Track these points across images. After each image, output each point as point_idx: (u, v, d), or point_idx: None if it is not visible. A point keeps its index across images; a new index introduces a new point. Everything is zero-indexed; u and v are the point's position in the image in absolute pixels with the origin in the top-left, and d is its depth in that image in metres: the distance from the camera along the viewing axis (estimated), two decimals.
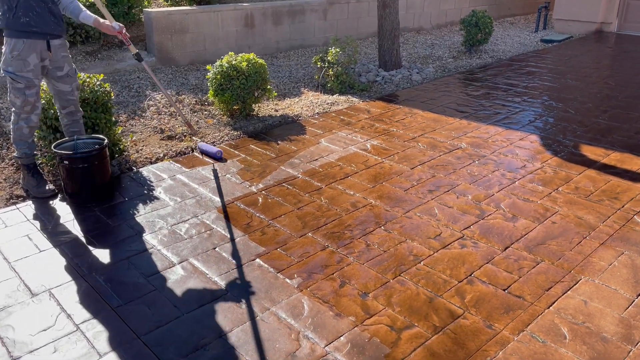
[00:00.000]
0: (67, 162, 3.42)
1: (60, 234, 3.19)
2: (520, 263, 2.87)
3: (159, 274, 2.80)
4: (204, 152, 4.34)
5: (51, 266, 2.88)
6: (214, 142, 4.55)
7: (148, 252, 3.00)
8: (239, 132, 4.76)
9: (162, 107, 5.39)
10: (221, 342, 2.33)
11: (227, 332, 2.38)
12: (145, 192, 3.70)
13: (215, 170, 3.95)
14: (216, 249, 3.02)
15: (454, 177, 3.87)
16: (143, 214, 3.40)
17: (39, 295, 2.65)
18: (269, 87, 5.21)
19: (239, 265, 2.87)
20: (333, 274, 2.80)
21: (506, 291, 2.65)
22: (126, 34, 3.80)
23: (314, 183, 3.80)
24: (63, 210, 3.45)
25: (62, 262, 2.91)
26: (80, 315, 2.51)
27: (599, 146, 4.44)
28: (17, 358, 2.26)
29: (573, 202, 3.49)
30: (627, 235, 3.11)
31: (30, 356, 2.27)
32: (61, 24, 3.50)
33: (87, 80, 4.00)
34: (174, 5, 7.50)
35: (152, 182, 3.84)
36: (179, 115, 4.72)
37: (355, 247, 3.03)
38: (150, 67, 6.63)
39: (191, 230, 3.21)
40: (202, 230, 3.21)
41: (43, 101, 3.84)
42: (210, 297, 2.62)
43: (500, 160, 4.17)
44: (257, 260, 2.92)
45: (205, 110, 5.37)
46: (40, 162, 3.95)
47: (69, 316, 2.50)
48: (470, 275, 2.77)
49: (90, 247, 3.05)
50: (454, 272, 2.80)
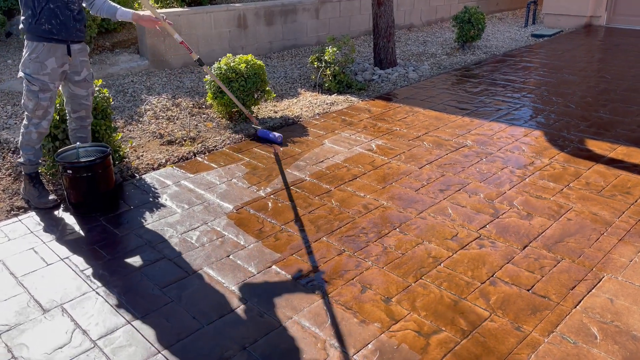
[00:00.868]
0: (70, 172, 3.32)
1: (66, 245, 3.09)
2: (540, 262, 2.83)
3: (174, 285, 2.72)
4: (263, 138, 4.61)
5: (60, 280, 2.78)
6: (215, 145, 4.47)
7: (160, 262, 2.92)
8: (240, 135, 4.68)
9: (160, 111, 5.28)
10: (246, 354, 2.26)
11: (251, 344, 2.31)
12: (151, 199, 3.61)
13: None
14: (230, 256, 2.95)
15: (464, 176, 3.83)
16: (151, 223, 3.31)
17: (50, 311, 2.55)
18: (268, 88, 5.13)
19: (255, 273, 2.80)
20: (353, 279, 2.74)
21: (530, 291, 2.61)
22: (184, 42, 4.13)
23: (323, 186, 3.74)
24: (67, 221, 3.35)
25: (71, 275, 2.82)
26: (96, 330, 2.42)
27: (604, 140, 4.43)
28: None
29: (586, 198, 3.47)
30: None
31: None
32: (83, 30, 3.44)
33: None
34: (165, 7, 7.38)
35: (156, 189, 3.74)
36: (241, 110, 4.83)
37: (372, 250, 2.98)
38: (144, 71, 6.52)
39: (202, 238, 3.13)
40: (214, 237, 3.13)
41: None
42: (229, 307, 2.55)
43: (507, 157, 4.14)
44: (274, 267, 2.85)
45: (204, 114, 5.28)
46: (39, 171, 3.83)
47: (84, 332, 2.41)
48: (492, 276, 2.73)
49: (99, 259, 2.96)
50: (475, 273, 2.75)
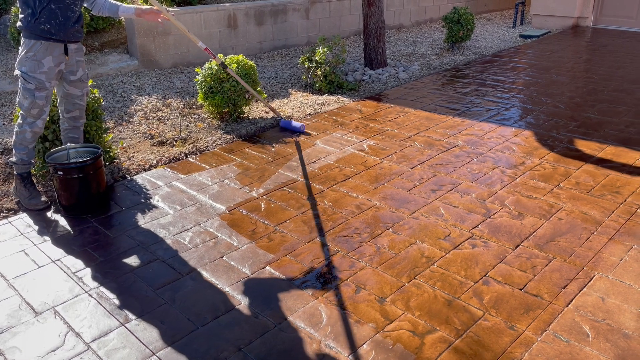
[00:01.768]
0: (61, 173, 3.29)
1: (57, 247, 3.06)
2: (532, 261, 2.86)
3: (167, 286, 2.71)
4: (287, 128, 4.81)
5: (52, 282, 2.76)
6: (207, 146, 4.45)
7: (153, 263, 2.90)
8: (232, 136, 4.67)
9: (150, 111, 5.25)
10: (241, 355, 2.26)
11: (246, 345, 2.31)
12: (143, 200, 3.58)
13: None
14: (224, 257, 2.94)
15: (455, 176, 3.85)
16: (143, 224, 3.29)
17: (43, 313, 2.53)
18: (259, 88, 5.12)
19: (249, 274, 2.80)
20: (347, 279, 2.74)
21: (523, 290, 2.63)
22: (208, 49, 4.34)
23: (315, 186, 3.74)
24: (58, 223, 3.32)
25: (63, 278, 2.79)
26: (89, 333, 2.40)
27: (593, 140, 4.48)
28: None
29: (576, 198, 3.51)
30: (634, 230, 3.13)
31: None
32: (81, 31, 3.45)
33: None
34: None
35: (148, 190, 3.72)
36: (262, 103, 5.05)
37: (366, 250, 2.98)
38: (133, 71, 6.48)
39: (195, 239, 3.12)
40: (207, 238, 3.12)
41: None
42: (223, 308, 2.54)
43: (498, 157, 4.17)
44: (268, 267, 2.85)
45: (195, 114, 5.26)
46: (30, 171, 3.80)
47: (77, 335, 2.39)
48: (485, 275, 2.75)
49: (91, 261, 2.94)
50: (468, 272, 2.77)
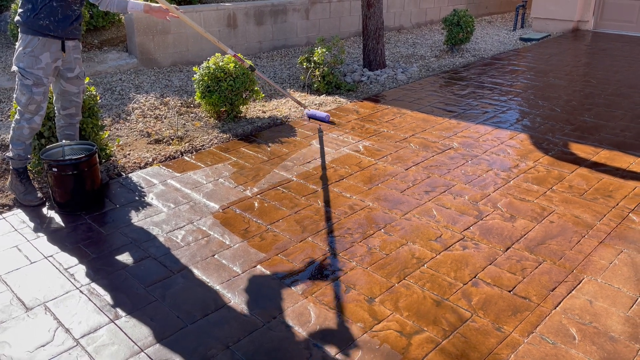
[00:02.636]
0: (56, 170, 3.31)
1: (51, 244, 3.08)
2: (522, 264, 2.87)
3: (158, 284, 2.72)
4: (312, 118, 5.06)
5: (44, 278, 2.77)
6: (203, 145, 4.47)
7: (145, 261, 2.92)
8: (228, 135, 4.69)
9: (147, 110, 5.27)
10: (229, 353, 2.27)
11: (235, 343, 2.32)
12: (137, 198, 3.60)
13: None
14: (215, 256, 2.96)
15: (449, 178, 3.86)
16: (136, 222, 3.31)
17: (33, 309, 2.55)
18: (256, 88, 5.14)
19: (240, 272, 2.81)
20: (337, 279, 2.76)
21: (512, 292, 2.64)
22: (237, 56, 4.45)
23: (309, 186, 3.75)
24: (52, 219, 3.34)
25: (55, 274, 2.81)
26: (79, 329, 2.42)
27: (588, 144, 4.49)
28: None
29: (568, 201, 3.52)
30: (625, 233, 3.14)
31: None
32: (79, 29, 3.47)
33: None
34: None
35: (143, 188, 3.74)
36: (289, 98, 5.30)
37: (357, 251, 3.00)
38: (132, 69, 6.50)
39: (188, 237, 3.13)
40: (199, 237, 3.14)
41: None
42: (213, 306, 2.56)
43: (492, 159, 4.18)
44: (259, 266, 2.86)
45: (192, 113, 5.28)
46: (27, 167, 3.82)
47: (67, 330, 2.40)
48: (475, 277, 2.76)
49: (84, 257, 2.95)
50: (458, 274, 2.78)
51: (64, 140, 3.59)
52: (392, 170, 4.00)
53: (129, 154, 4.28)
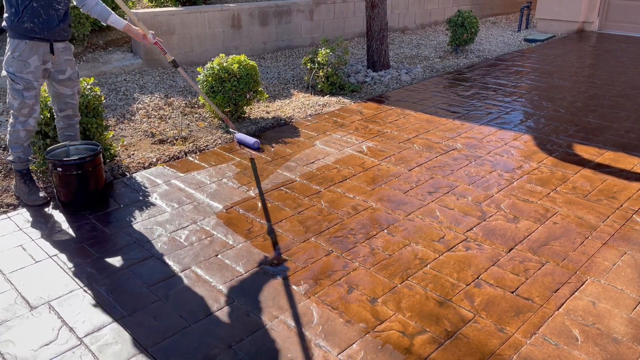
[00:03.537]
0: (60, 169, 3.32)
1: (55, 243, 3.10)
2: (525, 265, 2.87)
3: (161, 283, 2.73)
4: (240, 143, 4.52)
5: (48, 277, 2.79)
6: (207, 145, 4.48)
7: (148, 260, 2.93)
8: (232, 135, 4.69)
9: (152, 110, 5.29)
10: (232, 352, 2.28)
11: (237, 342, 2.33)
12: (141, 198, 3.61)
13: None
14: (218, 256, 2.97)
15: (452, 179, 3.86)
16: (140, 221, 3.32)
17: (38, 308, 2.56)
18: (260, 89, 5.15)
19: (243, 272, 2.82)
20: (340, 279, 2.76)
21: (514, 293, 2.64)
22: (159, 40, 3.88)
23: (313, 186, 3.76)
24: (57, 219, 3.36)
25: (59, 273, 2.83)
26: (82, 328, 2.43)
27: (592, 145, 4.48)
28: None
29: (572, 202, 3.51)
30: (628, 235, 3.13)
31: None
32: (68, 30, 3.42)
33: None
34: (159, 7, 7.38)
35: (147, 188, 3.75)
36: (215, 112, 4.93)
37: (360, 251, 3.00)
38: (137, 70, 6.52)
39: (191, 237, 3.14)
40: (203, 237, 3.15)
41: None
42: (216, 306, 2.57)
43: (496, 160, 4.18)
44: (262, 266, 2.87)
45: (196, 113, 5.29)
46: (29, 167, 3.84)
47: (71, 329, 2.42)
48: (478, 278, 2.76)
49: (88, 257, 2.97)
50: (461, 275, 2.78)
51: (68, 141, 3.60)
52: (395, 171, 4.00)
53: (133, 154, 4.30)
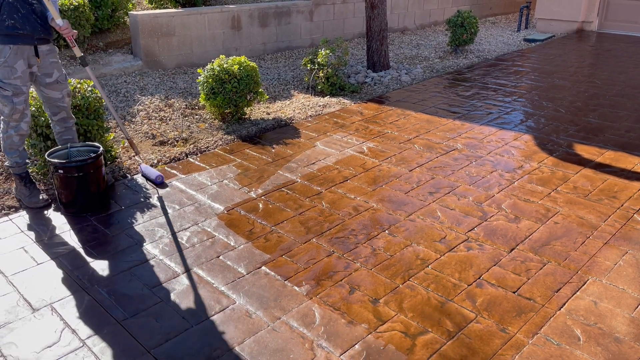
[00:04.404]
0: (61, 171, 3.33)
1: (57, 245, 3.10)
2: (527, 265, 2.87)
3: (163, 285, 2.74)
4: (144, 176, 3.92)
5: (50, 279, 2.79)
6: (207, 146, 4.48)
7: (150, 262, 2.93)
8: (232, 136, 4.70)
9: (152, 111, 5.29)
10: (234, 354, 2.28)
11: (239, 344, 2.33)
12: (142, 199, 3.62)
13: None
14: (220, 257, 2.97)
15: (453, 179, 3.87)
16: (142, 223, 3.32)
17: (40, 310, 2.56)
18: (260, 90, 5.15)
19: (245, 273, 2.82)
20: (341, 280, 2.76)
21: (516, 293, 2.64)
22: (72, 32, 3.42)
23: (314, 187, 3.76)
24: (58, 221, 3.36)
25: (61, 275, 2.83)
26: (85, 330, 2.43)
27: (592, 145, 4.48)
28: None
29: (573, 202, 3.51)
30: (630, 234, 3.14)
31: None
32: (47, 26, 3.35)
33: (78, 86, 3.91)
34: (158, 8, 7.38)
35: (147, 190, 3.76)
36: (121, 132, 4.40)
37: (361, 252, 3.00)
38: (137, 71, 6.52)
39: (193, 239, 3.14)
40: (204, 238, 3.15)
41: (33, 108, 3.75)
42: (218, 307, 2.57)
43: (497, 160, 4.18)
44: (263, 267, 2.87)
45: (197, 115, 5.30)
46: (30, 170, 3.84)
47: (73, 331, 2.42)
48: (479, 278, 2.76)
49: (90, 259, 2.97)
50: (462, 275, 2.79)
51: (69, 144, 3.60)
52: (396, 171, 4.01)
53: (134, 156, 4.30)
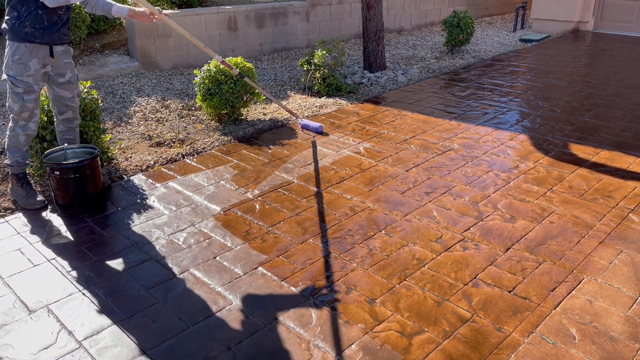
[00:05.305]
0: (58, 173, 3.32)
1: (53, 246, 3.10)
2: (522, 264, 2.88)
3: (160, 286, 2.74)
4: (305, 128, 4.92)
5: (47, 281, 2.79)
6: (204, 147, 4.49)
7: (147, 263, 2.93)
8: (229, 137, 4.71)
9: (149, 113, 5.29)
10: (231, 354, 2.28)
11: (237, 344, 2.34)
12: (139, 201, 3.62)
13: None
14: (217, 258, 2.97)
15: (449, 179, 3.88)
16: (138, 224, 3.32)
17: (36, 311, 2.56)
18: (257, 91, 5.16)
19: (241, 274, 2.83)
20: (338, 280, 2.77)
21: (512, 293, 2.65)
22: (225, 62, 4.13)
23: (310, 188, 3.77)
24: (55, 222, 3.36)
25: (57, 276, 2.83)
26: (81, 331, 2.43)
27: (588, 145, 4.50)
28: None
29: (568, 202, 3.53)
30: (625, 233, 3.15)
31: None
32: (67, 33, 3.42)
33: None
34: None
35: (144, 191, 3.76)
36: (279, 106, 5.26)
37: (358, 252, 3.01)
38: (133, 72, 6.52)
39: (189, 240, 3.15)
40: (201, 239, 3.15)
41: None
42: (215, 308, 2.57)
43: (492, 160, 4.19)
44: (260, 268, 2.88)
45: (193, 116, 5.30)
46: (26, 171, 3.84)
47: (70, 333, 2.42)
48: (475, 277, 2.77)
49: (86, 260, 2.97)
50: (458, 275, 2.80)
51: (66, 144, 3.61)
52: (392, 171, 4.02)
53: (130, 157, 4.30)
